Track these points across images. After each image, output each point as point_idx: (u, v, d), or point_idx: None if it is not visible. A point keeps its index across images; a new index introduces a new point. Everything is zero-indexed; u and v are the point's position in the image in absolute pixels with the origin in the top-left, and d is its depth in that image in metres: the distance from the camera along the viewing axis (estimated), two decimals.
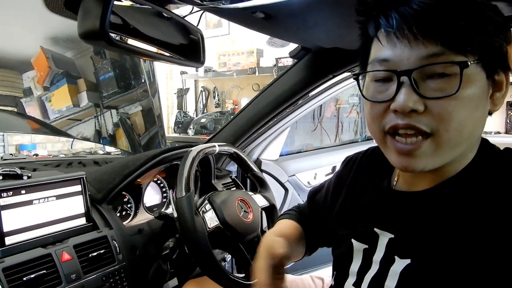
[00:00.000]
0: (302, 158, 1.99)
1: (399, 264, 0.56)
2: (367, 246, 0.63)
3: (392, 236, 0.60)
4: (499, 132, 2.58)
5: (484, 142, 0.58)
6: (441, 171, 0.56)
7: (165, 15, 0.79)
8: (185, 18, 0.83)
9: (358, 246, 0.65)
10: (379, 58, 0.53)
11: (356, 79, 0.58)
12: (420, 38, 0.48)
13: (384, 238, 0.61)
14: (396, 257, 0.57)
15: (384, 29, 0.51)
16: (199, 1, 0.78)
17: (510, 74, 0.54)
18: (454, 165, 0.56)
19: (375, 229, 0.62)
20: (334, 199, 0.77)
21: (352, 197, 0.72)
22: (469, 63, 0.47)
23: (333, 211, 0.75)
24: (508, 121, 2.57)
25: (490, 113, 0.56)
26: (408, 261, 0.56)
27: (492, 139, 0.59)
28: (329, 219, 0.76)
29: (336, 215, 0.74)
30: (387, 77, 0.53)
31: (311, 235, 0.85)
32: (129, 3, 0.71)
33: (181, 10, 0.87)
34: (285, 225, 0.85)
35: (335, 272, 0.70)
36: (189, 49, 0.84)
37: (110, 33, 0.59)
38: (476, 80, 0.49)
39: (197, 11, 0.87)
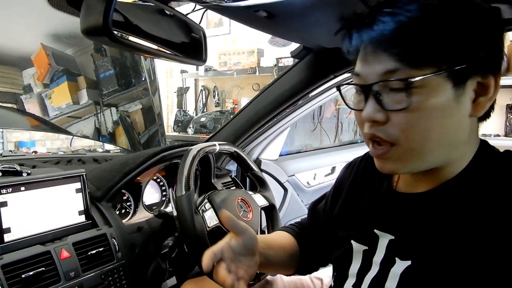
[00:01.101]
0: (301, 158, 1.99)
1: (400, 266, 0.57)
2: (367, 248, 0.63)
3: (393, 237, 0.60)
4: (498, 135, 2.58)
5: (484, 143, 0.58)
6: (439, 172, 0.56)
7: (168, 12, 0.78)
8: (188, 16, 0.83)
9: (358, 248, 0.65)
10: (354, 72, 0.57)
11: (338, 89, 0.63)
12: (377, 55, 0.52)
13: (384, 239, 0.61)
14: (396, 258, 0.58)
15: (351, 50, 0.56)
16: None
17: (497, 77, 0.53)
18: (451, 167, 0.56)
19: (375, 230, 0.63)
20: (334, 202, 0.78)
21: (352, 200, 0.72)
22: (416, 79, 0.49)
23: (333, 214, 0.75)
24: (507, 124, 2.57)
25: (484, 117, 0.56)
26: (408, 262, 0.56)
27: (492, 142, 0.59)
28: (329, 223, 0.76)
29: (336, 217, 0.74)
30: (360, 89, 0.56)
31: (308, 253, 0.85)
32: (131, 0, 0.71)
33: (184, 8, 0.87)
34: (276, 234, 0.88)
35: (335, 273, 0.70)
36: (191, 47, 0.84)
37: (113, 30, 0.59)
38: (438, 90, 0.50)
39: (200, 9, 0.87)
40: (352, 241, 0.66)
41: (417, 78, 0.49)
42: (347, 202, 0.73)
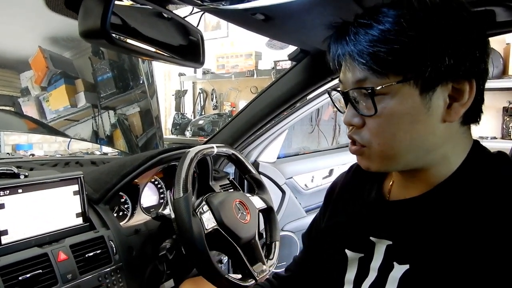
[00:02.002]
0: (299, 161, 1.99)
1: (398, 270, 0.57)
2: (363, 255, 0.63)
3: (390, 242, 0.60)
4: (495, 137, 2.59)
5: (475, 144, 0.59)
6: (427, 174, 0.57)
7: (165, 15, 0.79)
8: (185, 19, 0.84)
9: (353, 256, 0.65)
10: (339, 78, 0.61)
11: (329, 94, 0.65)
12: (351, 65, 0.56)
13: (381, 245, 0.61)
14: (394, 263, 0.58)
15: (330, 59, 0.60)
16: (199, 2, 0.78)
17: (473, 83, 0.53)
18: (439, 169, 0.57)
19: (371, 238, 0.63)
20: (322, 218, 0.78)
21: (341, 212, 0.72)
22: (378, 88, 0.52)
23: (322, 228, 0.76)
24: (504, 127, 2.58)
25: (472, 121, 0.57)
26: (407, 266, 0.56)
27: (489, 144, 0.59)
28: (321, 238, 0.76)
29: (325, 230, 0.74)
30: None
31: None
32: (129, 3, 0.71)
33: (181, 11, 0.87)
34: None
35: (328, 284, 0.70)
36: (189, 49, 0.84)
37: (111, 32, 0.59)
38: (404, 97, 0.52)
39: (197, 12, 0.87)
40: (347, 250, 0.66)
41: (379, 87, 0.53)
42: (335, 215, 0.73)
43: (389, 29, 0.51)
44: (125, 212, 1.21)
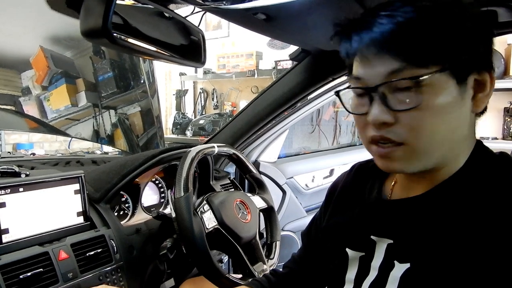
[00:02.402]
0: (300, 161, 1.99)
1: (399, 269, 0.57)
2: (363, 254, 0.63)
3: (391, 241, 0.60)
4: (496, 138, 2.59)
5: (479, 144, 0.59)
6: (435, 174, 0.57)
7: (167, 15, 0.79)
8: (187, 19, 0.84)
9: (354, 255, 0.65)
10: (354, 75, 0.57)
11: (337, 94, 0.62)
12: (380, 56, 0.52)
13: (382, 244, 0.61)
14: (395, 261, 0.58)
15: (349, 52, 0.56)
16: (200, 1, 0.78)
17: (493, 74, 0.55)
18: (447, 168, 0.57)
19: (372, 236, 0.63)
20: (322, 217, 0.78)
21: (341, 212, 0.72)
22: (424, 77, 0.50)
23: (323, 227, 0.76)
24: (505, 127, 2.58)
25: (481, 113, 0.58)
26: (407, 265, 0.56)
27: (490, 145, 0.60)
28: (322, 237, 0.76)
29: (325, 230, 0.74)
30: (362, 92, 0.56)
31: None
32: (131, 2, 0.71)
33: (183, 11, 0.87)
34: None
35: (328, 283, 0.70)
36: (190, 49, 0.84)
37: (112, 32, 0.59)
38: (443, 88, 0.51)
39: (199, 11, 0.87)
40: (347, 249, 0.66)
41: (425, 76, 0.50)
42: (336, 214, 0.73)
43: (420, 18, 0.50)
44: (125, 211, 1.21)
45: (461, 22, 0.51)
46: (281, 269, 0.86)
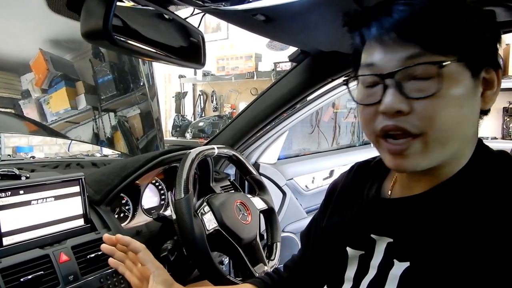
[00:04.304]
0: (300, 162, 1.99)
1: (398, 268, 0.57)
2: (363, 252, 0.63)
3: (391, 240, 0.60)
4: (495, 138, 2.60)
5: (480, 143, 0.59)
6: (437, 172, 0.56)
7: (167, 16, 0.79)
8: (186, 20, 0.84)
9: (354, 253, 0.65)
10: (366, 63, 0.55)
11: (346, 84, 0.61)
12: (400, 42, 0.51)
13: (382, 243, 0.61)
14: (395, 260, 0.58)
15: (367, 38, 0.55)
16: (200, 3, 0.78)
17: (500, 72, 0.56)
18: (450, 166, 0.56)
19: (372, 235, 0.63)
20: (322, 217, 0.78)
21: (341, 211, 0.72)
22: (447, 63, 0.49)
23: (323, 227, 0.76)
24: (504, 127, 2.59)
25: (486, 113, 0.58)
26: (407, 264, 0.56)
27: (489, 145, 0.60)
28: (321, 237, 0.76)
29: (325, 230, 0.74)
30: (374, 81, 0.55)
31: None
32: (131, 4, 0.71)
33: (182, 13, 0.87)
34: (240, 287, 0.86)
35: (328, 282, 0.70)
36: (190, 50, 0.84)
37: (113, 33, 0.60)
38: (460, 79, 0.51)
39: (198, 13, 0.88)
40: (348, 248, 0.66)
41: (447, 62, 0.49)
42: (336, 214, 0.73)
43: (437, 7, 0.50)
44: (126, 214, 1.21)
45: (469, 16, 0.52)
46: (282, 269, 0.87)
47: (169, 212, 1.31)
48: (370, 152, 2.13)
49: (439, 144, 0.52)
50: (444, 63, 0.49)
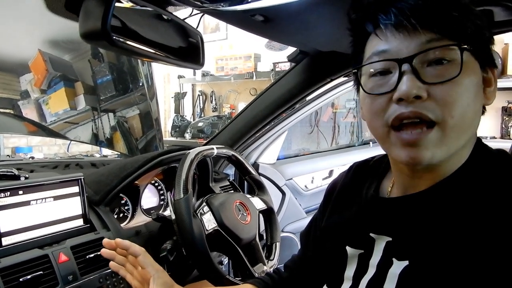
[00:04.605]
0: (299, 162, 1.99)
1: (397, 266, 0.57)
2: (362, 251, 0.63)
3: (390, 239, 0.60)
4: (494, 137, 2.60)
5: (479, 142, 0.59)
6: (438, 170, 0.56)
7: (165, 17, 0.79)
8: (185, 21, 0.84)
9: (353, 252, 0.65)
10: (377, 50, 0.54)
11: (355, 73, 0.59)
12: (418, 28, 0.50)
13: (381, 241, 0.61)
14: (394, 259, 0.58)
15: (383, 24, 0.53)
16: (199, 3, 0.78)
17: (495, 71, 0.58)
18: (450, 164, 0.56)
19: (371, 234, 0.63)
20: (322, 217, 0.78)
21: (340, 211, 0.72)
22: (466, 46, 0.50)
23: (322, 226, 0.76)
24: (503, 126, 2.59)
25: (483, 111, 0.58)
26: (406, 262, 0.56)
27: (488, 144, 0.60)
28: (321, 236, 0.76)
29: (324, 229, 0.74)
30: (385, 69, 0.54)
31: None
32: (129, 4, 0.72)
33: (181, 13, 0.88)
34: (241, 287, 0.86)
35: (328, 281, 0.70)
36: (189, 51, 0.84)
37: (111, 34, 0.60)
38: (473, 68, 0.52)
39: (197, 13, 0.88)
40: (347, 247, 0.66)
41: (466, 46, 0.50)
42: (336, 213, 0.74)
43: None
44: (125, 214, 1.21)
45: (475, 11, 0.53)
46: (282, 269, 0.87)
47: (168, 212, 1.30)
48: (369, 152, 2.14)
49: (455, 134, 0.51)
50: (464, 46, 0.50)
